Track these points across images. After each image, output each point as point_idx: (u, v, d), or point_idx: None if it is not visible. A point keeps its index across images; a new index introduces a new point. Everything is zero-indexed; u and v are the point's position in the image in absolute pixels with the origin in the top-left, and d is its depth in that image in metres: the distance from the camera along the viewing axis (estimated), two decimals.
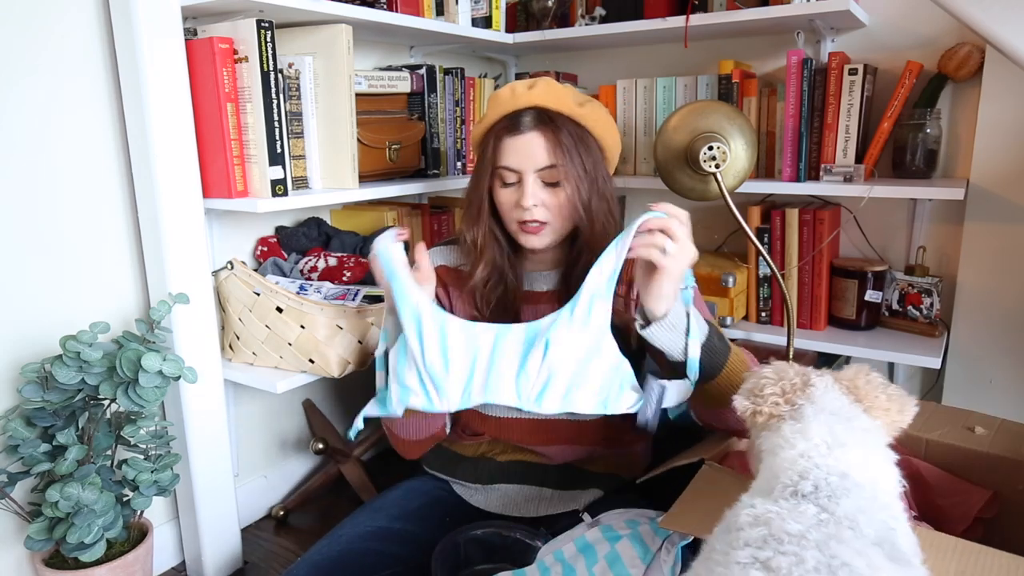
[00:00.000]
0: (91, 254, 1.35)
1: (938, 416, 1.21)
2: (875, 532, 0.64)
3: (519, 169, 1.11)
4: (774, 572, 0.58)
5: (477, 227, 1.17)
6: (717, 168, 1.45)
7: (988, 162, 1.61)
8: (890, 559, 0.62)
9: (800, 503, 0.66)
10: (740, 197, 1.63)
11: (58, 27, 1.26)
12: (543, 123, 1.10)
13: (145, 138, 1.29)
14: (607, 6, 1.90)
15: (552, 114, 1.11)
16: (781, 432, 0.77)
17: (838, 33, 1.75)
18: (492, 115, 1.15)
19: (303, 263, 1.54)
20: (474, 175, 1.19)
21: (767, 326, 1.78)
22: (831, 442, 0.73)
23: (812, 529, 0.62)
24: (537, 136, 1.10)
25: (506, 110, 1.13)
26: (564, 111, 1.12)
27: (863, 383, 0.81)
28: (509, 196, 1.14)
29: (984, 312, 1.67)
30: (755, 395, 0.83)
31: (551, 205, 1.12)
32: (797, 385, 0.81)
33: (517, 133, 1.11)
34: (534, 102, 1.11)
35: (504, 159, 1.12)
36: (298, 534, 1.66)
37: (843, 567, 0.58)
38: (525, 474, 1.22)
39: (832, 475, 0.69)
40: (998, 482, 1.07)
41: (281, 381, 1.39)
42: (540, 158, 1.10)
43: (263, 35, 1.32)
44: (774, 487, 0.70)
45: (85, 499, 1.15)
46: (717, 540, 0.66)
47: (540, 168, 1.11)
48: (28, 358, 1.26)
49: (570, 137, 1.11)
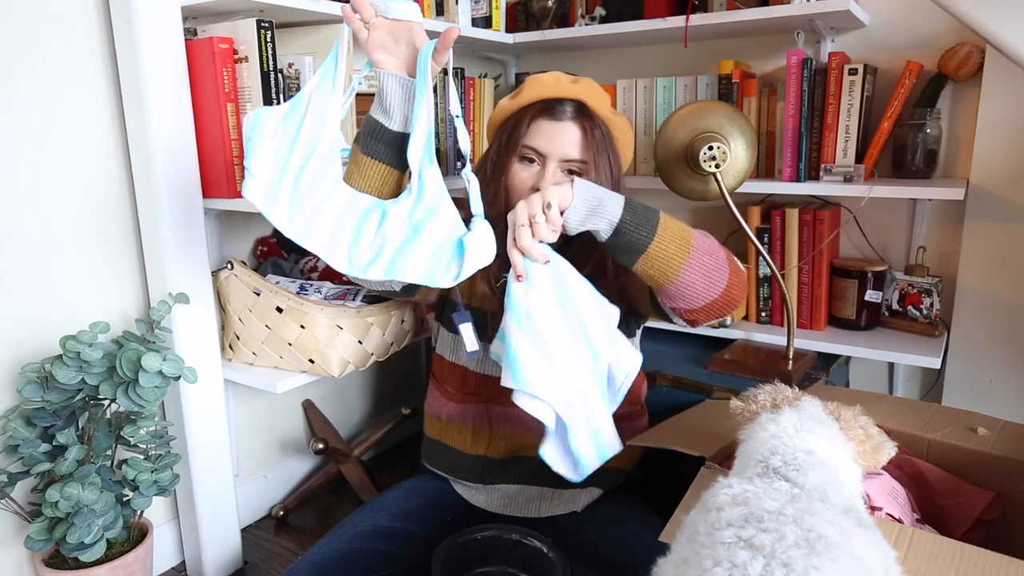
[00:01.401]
0: (91, 254, 1.35)
1: (940, 417, 1.21)
2: (842, 502, 0.69)
3: (547, 153, 1.11)
4: (758, 550, 0.61)
5: (494, 209, 1.12)
6: (717, 168, 1.45)
7: (988, 162, 1.61)
8: (858, 524, 0.67)
9: (773, 479, 0.72)
10: (740, 197, 1.63)
11: (58, 27, 1.26)
12: (583, 116, 1.11)
13: (145, 138, 1.29)
14: (607, 6, 1.90)
15: (592, 111, 1.12)
16: (757, 420, 0.84)
17: (838, 33, 1.75)
18: (530, 95, 1.14)
19: (303, 263, 1.54)
20: (492, 154, 1.17)
21: (767, 326, 1.78)
22: (799, 426, 0.80)
23: (787, 505, 0.66)
24: (574, 127, 1.11)
25: (548, 94, 1.13)
26: (602, 113, 1.13)
27: (849, 416, 0.86)
28: (525, 174, 1.13)
29: (984, 312, 1.67)
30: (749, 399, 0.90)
31: None
32: (788, 398, 0.88)
33: (555, 119, 1.11)
34: (578, 95, 1.12)
35: (534, 140, 1.12)
36: (298, 534, 1.66)
37: (820, 539, 0.62)
38: (525, 474, 1.22)
39: (799, 451, 0.76)
40: (1001, 483, 1.07)
41: (281, 381, 1.39)
42: (572, 150, 1.11)
43: (263, 35, 1.32)
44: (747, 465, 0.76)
45: (85, 499, 1.15)
46: (699, 522, 0.69)
47: (568, 159, 1.11)
48: (28, 358, 1.26)
49: (603, 136, 1.12)
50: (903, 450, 1.18)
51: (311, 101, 1.00)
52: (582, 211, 0.94)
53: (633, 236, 0.95)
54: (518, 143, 1.12)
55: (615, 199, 0.95)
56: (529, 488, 1.22)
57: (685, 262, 0.97)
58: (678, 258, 0.97)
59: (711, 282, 1.00)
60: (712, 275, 1.00)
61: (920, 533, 0.83)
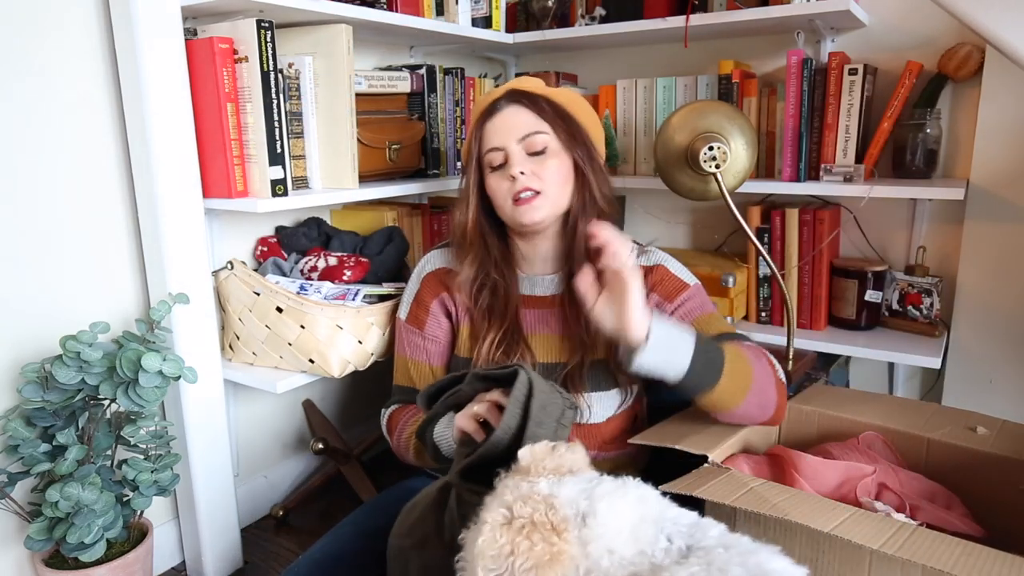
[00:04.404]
0: (91, 254, 1.35)
1: (940, 416, 1.21)
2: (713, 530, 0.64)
3: (503, 146, 1.13)
4: None
5: (465, 221, 1.19)
6: (717, 168, 1.45)
7: (988, 162, 1.61)
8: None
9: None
10: (740, 197, 1.63)
11: (58, 27, 1.26)
12: (518, 98, 1.14)
13: (145, 138, 1.29)
14: (607, 6, 1.90)
15: (525, 92, 1.15)
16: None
17: (838, 33, 1.75)
18: (472, 120, 1.19)
19: (303, 263, 1.53)
20: (463, 174, 1.22)
21: (767, 326, 1.78)
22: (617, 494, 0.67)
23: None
24: (514, 108, 1.14)
25: (483, 104, 1.17)
26: (537, 91, 1.16)
27: (525, 463, 0.73)
28: (499, 179, 1.14)
29: (984, 312, 1.67)
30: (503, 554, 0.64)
31: (540, 172, 1.12)
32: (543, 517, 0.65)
33: (494, 114, 1.15)
34: (507, 88, 1.16)
35: (487, 142, 1.15)
36: (298, 534, 1.66)
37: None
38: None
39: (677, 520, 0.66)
40: (1000, 482, 1.07)
41: (281, 381, 1.39)
42: (520, 127, 1.13)
43: (263, 35, 1.32)
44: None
45: (85, 499, 1.15)
46: None
47: (522, 137, 1.13)
48: (28, 358, 1.26)
49: (548, 106, 1.14)
50: (899, 460, 1.18)
51: None
52: (655, 357, 0.97)
53: (698, 381, 1.01)
54: (478, 155, 1.16)
55: (685, 348, 0.99)
56: None
57: (742, 399, 1.04)
58: (737, 397, 1.04)
59: (762, 410, 1.08)
60: (765, 406, 1.08)
61: (921, 531, 0.83)
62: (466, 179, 1.20)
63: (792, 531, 0.90)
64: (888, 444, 1.18)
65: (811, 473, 1.05)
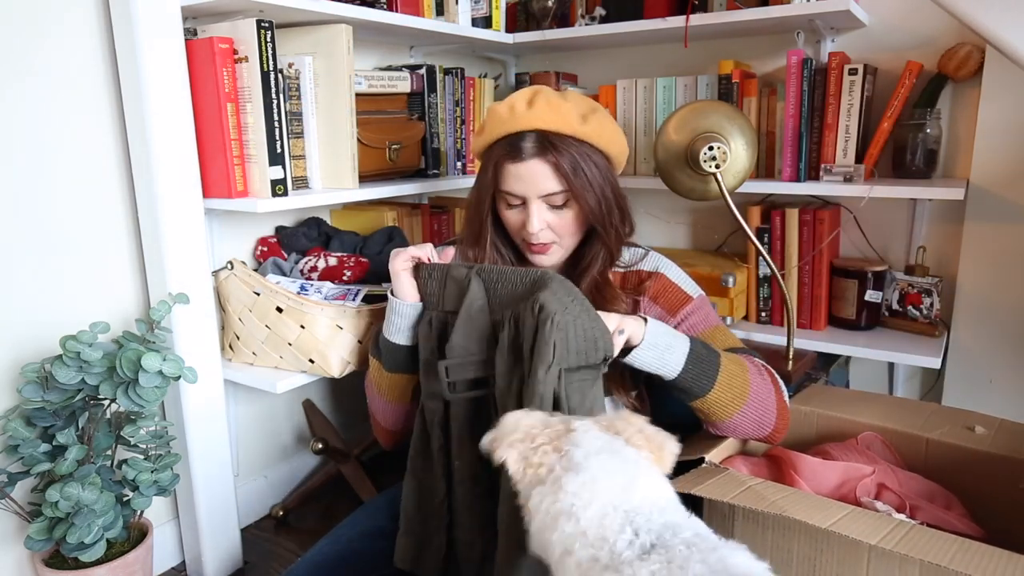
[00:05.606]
0: (91, 254, 1.35)
1: (938, 416, 1.22)
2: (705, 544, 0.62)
3: (523, 196, 1.10)
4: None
5: (478, 247, 1.17)
6: (717, 168, 1.45)
7: (988, 162, 1.61)
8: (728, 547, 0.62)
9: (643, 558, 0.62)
10: (740, 197, 1.63)
11: (58, 27, 1.26)
12: (545, 149, 1.06)
13: (145, 138, 1.29)
14: (607, 6, 1.90)
15: (553, 137, 1.06)
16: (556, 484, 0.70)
17: (838, 33, 1.75)
18: (490, 133, 1.11)
19: (303, 263, 1.54)
20: (476, 190, 1.17)
21: (767, 326, 1.78)
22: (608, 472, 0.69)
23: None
24: (539, 163, 1.06)
25: (506, 131, 1.08)
26: (566, 131, 1.06)
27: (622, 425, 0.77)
28: (515, 217, 1.13)
29: (984, 312, 1.67)
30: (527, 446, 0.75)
31: (558, 226, 1.11)
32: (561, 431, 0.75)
33: (518, 160, 1.07)
34: (534, 124, 1.06)
35: (506, 185, 1.10)
36: (298, 534, 1.66)
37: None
38: None
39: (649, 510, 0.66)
40: (999, 481, 1.07)
41: (281, 381, 1.39)
42: (543, 185, 1.08)
43: (263, 35, 1.32)
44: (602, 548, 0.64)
45: (85, 499, 1.15)
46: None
47: (544, 195, 1.09)
48: (28, 358, 1.26)
49: (574, 159, 1.06)
50: (898, 461, 1.18)
51: None
52: (649, 355, 1.00)
53: (693, 384, 1.02)
54: (495, 188, 1.12)
55: (681, 348, 1.01)
56: None
57: (738, 409, 1.05)
58: (732, 406, 1.05)
59: (759, 425, 1.09)
60: (762, 420, 1.08)
61: (918, 527, 0.83)
62: (478, 198, 1.15)
63: (791, 528, 0.90)
64: (887, 444, 1.18)
65: (810, 474, 1.05)
